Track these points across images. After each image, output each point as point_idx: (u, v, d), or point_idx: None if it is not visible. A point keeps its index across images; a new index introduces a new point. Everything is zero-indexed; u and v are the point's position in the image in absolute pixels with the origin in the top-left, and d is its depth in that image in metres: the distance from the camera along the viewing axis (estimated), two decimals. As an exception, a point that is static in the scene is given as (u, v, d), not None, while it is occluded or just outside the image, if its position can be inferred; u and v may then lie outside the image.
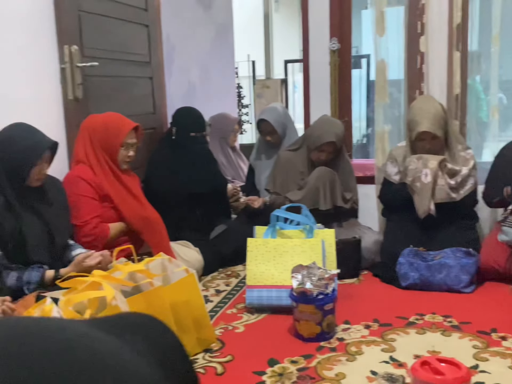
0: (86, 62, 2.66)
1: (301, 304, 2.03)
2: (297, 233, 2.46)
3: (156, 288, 1.84)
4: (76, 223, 2.43)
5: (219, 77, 4.73)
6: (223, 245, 2.98)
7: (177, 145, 3.02)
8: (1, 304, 1.74)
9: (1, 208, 2.04)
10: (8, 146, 2.04)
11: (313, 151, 2.92)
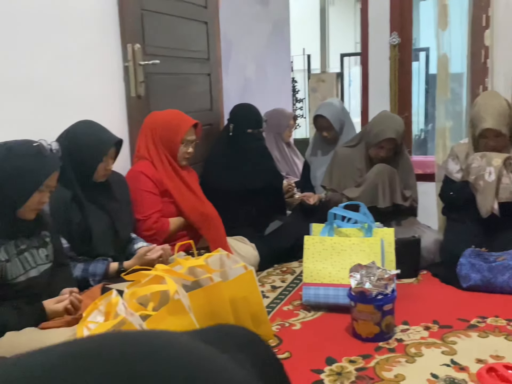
0: (148, 60, 2.72)
1: (360, 304, 2.02)
2: (355, 231, 2.44)
3: (216, 284, 1.87)
4: (138, 217, 2.50)
5: (275, 72, 4.73)
6: (278, 241, 2.99)
7: (234, 142, 3.05)
8: (69, 294, 1.81)
9: (69, 202, 2.13)
10: (76, 142, 2.12)
11: (372, 148, 2.88)
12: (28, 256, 1.76)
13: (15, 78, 2.10)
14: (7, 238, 1.70)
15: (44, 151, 1.69)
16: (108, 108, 2.61)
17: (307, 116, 6.77)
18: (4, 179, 1.65)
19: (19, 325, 1.67)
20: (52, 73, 2.28)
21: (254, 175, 3.00)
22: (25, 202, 1.69)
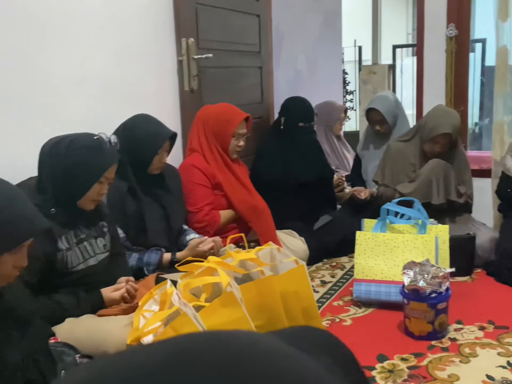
0: (201, 54, 2.75)
1: (413, 302, 1.99)
2: (408, 228, 2.40)
3: (268, 277, 1.88)
4: (189, 209, 2.54)
5: (326, 64, 4.69)
6: (328, 236, 2.97)
7: (285, 135, 3.04)
8: (125, 283, 1.86)
9: (125, 194, 2.18)
10: (133, 136, 2.17)
11: (427, 143, 2.81)
12: (87, 245, 1.82)
13: (74, 73, 2.17)
14: (68, 228, 1.76)
15: (104, 144, 1.74)
16: (162, 101, 2.66)
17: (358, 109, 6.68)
18: (65, 171, 1.71)
19: (78, 312, 1.73)
20: (109, 68, 2.33)
21: (305, 168, 2.99)
22: (85, 193, 1.74)
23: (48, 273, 1.70)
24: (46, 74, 2.05)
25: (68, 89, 2.15)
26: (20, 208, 1.21)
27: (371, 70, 6.25)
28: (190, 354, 0.30)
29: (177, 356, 0.30)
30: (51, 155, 1.73)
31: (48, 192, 1.72)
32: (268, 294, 1.87)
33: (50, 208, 1.69)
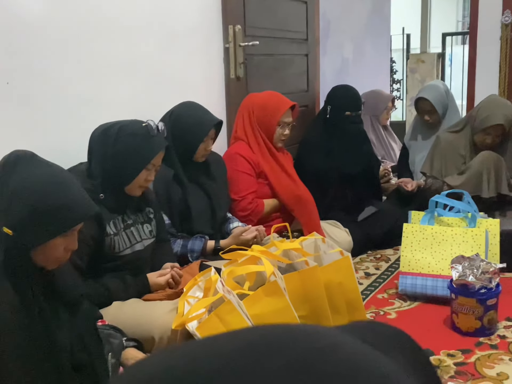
0: (247, 42, 2.73)
1: (461, 297, 1.93)
2: (457, 221, 2.33)
3: (312, 268, 1.86)
4: (233, 198, 2.54)
5: (373, 52, 4.60)
6: (373, 227, 2.92)
7: (331, 124, 3.00)
8: (170, 269, 1.88)
9: (170, 181, 2.20)
10: (180, 123, 2.19)
11: (478, 134, 2.72)
12: (134, 231, 1.85)
13: (122, 60, 2.19)
14: (116, 213, 1.79)
15: (152, 131, 1.76)
16: (208, 89, 2.66)
17: (404, 98, 6.52)
18: (114, 157, 1.73)
19: (125, 296, 1.76)
20: (156, 55, 2.35)
21: (351, 159, 2.94)
22: (133, 180, 1.77)
23: (96, 257, 1.74)
24: (95, 60, 2.08)
25: (117, 75, 2.18)
26: (72, 193, 1.23)
27: (419, 58, 6.08)
28: (269, 347, 0.29)
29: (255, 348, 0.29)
30: (100, 142, 1.76)
31: (98, 177, 1.75)
32: (312, 284, 1.85)
33: (99, 194, 1.72)
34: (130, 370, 0.30)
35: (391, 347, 0.34)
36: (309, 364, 0.27)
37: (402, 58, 6.78)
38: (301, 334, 0.31)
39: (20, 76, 1.80)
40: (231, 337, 0.31)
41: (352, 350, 0.30)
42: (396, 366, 0.31)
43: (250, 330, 0.31)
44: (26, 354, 1.19)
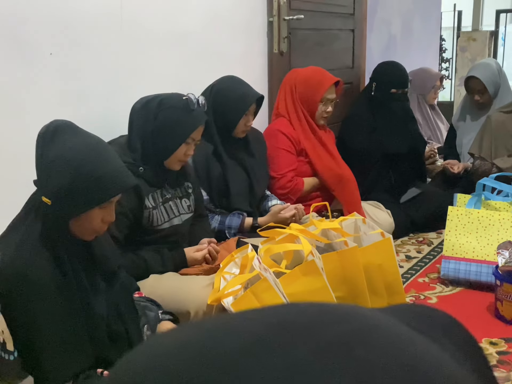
0: (292, 15, 2.66)
1: (507, 284, 1.86)
2: (505, 205, 2.23)
3: (352, 248, 1.82)
4: (273, 175, 2.51)
5: (422, 29, 4.43)
6: (416, 210, 2.84)
7: (376, 102, 2.91)
8: (208, 244, 1.88)
9: (210, 156, 2.18)
10: (220, 97, 2.16)
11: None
12: (172, 205, 1.84)
13: (166, 33, 2.17)
14: (155, 187, 1.79)
15: (192, 104, 1.73)
16: (250, 63, 2.62)
17: (453, 78, 6.29)
18: (154, 130, 1.72)
19: (162, 269, 1.77)
20: (199, 28, 2.32)
21: (395, 138, 2.85)
22: (172, 153, 1.75)
23: (135, 230, 1.74)
24: (139, 33, 2.06)
25: (161, 49, 2.16)
26: (111, 164, 1.23)
27: (471, 36, 5.83)
28: (297, 327, 0.26)
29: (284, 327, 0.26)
30: (141, 114, 1.75)
31: (138, 150, 1.75)
32: (351, 265, 1.81)
33: (139, 167, 1.72)
34: (149, 342, 0.27)
35: (439, 333, 0.30)
36: (346, 348, 0.24)
37: (452, 36, 6.52)
38: (338, 313, 0.28)
39: (63, 47, 1.81)
40: (261, 314, 0.28)
41: (396, 335, 0.26)
42: (446, 354, 0.27)
43: (282, 308, 0.29)
44: (63, 321, 1.21)
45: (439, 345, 0.28)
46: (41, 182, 1.20)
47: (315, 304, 0.29)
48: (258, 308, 0.29)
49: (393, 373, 0.24)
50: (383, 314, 0.29)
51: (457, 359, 0.28)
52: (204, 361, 0.24)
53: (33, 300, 1.18)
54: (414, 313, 0.33)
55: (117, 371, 0.26)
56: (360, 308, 0.29)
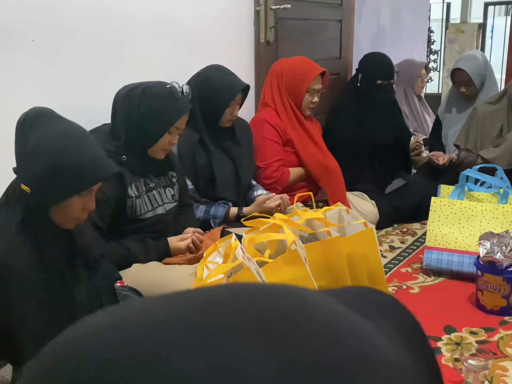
0: (279, 5, 2.65)
1: (488, 274, 1.88)
2: (488, 196, 2.25)
3: (335, 238, 1.83)
4: (259, 165, 2.51)
5: (410, 20, 4.44)
6: (400, 200, 2.86)
7: (362, 93, 2.91)
8: (192, 234, 1.88)
9: (195, 145, 2.18)
10: (206, 86, 2.15)
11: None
12: (156, 194, 1.84)
13: (151, 21, 2.15)
14: (138, 176, 1.78)
15: (176, 93, 1.73)
16: (236, 53, 2.61)
17: (441, 70, 6.31)
18: (138, 119, 1.71)
19: (145, 258, 1.76)
20: (185, 15, 2.30)
21: (381, 129, 2.86)
22: (156, 142, 1.75)
23: (118, 219, 1.74)
24: (124, 20, 2.05)
25: (146, 37, 2.14)
26: (91, 152, 1.22)
27: (459, 28, 5.85)
28: (223, 305, 0.26)
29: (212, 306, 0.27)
30: (124, 102, 1.74)
31: (121, 139, 1.74)
32: (334, 255, 1.82)
33: (122, 155, 1.71)
34: (85, 321, 0.28)
35: (378, 313, 0.31)
36: (273, 325, 0.25)
37: (441, 28, 6.54)
38: (270, 292, 0.29)
39: (46, 34, 1.78)
40: (194, 293, 0.28)
41: (327, 313, 0.27)
42: (376, 330, 0.28)
43: (217, 287, 0.29)
44: (43, 309, 1.20)
45: (375, 324, 0.29)
46: (21, 169, 1.19)
47: (251, 284, 0.30)
48: (197, 288, 0.30)
49: (319, 349, 0.24)
50: (318, 294, 0.30)
51: (392, 338, 0.29)
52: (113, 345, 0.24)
53: (13, 287, 1.18)
54: (356, 295, 0.34)
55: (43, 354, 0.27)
56: (294, 287, 0.30)
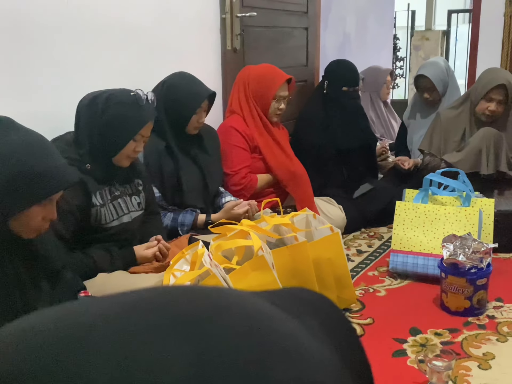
0: (245, 12, 2.67)
1: (451, 276, 1.91)
2: (451, 200, 2.30)
3: (301, 243, 1.84)
4: (226, 172, 2.51)
5: (376, 27, 4.52)
6: (368, 205, 2.90)
7: (328, 100, 2.95)
8: (156, 243, 1.86)
9: (162, 153, 2.17)
10: (172, 94, 2.15)
11: (480, 103, 2.64)
12: (121, 202, 1.82)
13: (114, 28, 2.14)
14: (103, 184, 1.76)
15: (140, 100, 1.72)
16: (203, 60, 2.61)
17: (408, 76, 6.43)
18: (101, 126, 1.70)
19: (110, 268, 1.74)
20: (150, 24, 2.29)
21: (347, 135, 2.90)
22: (121, 150, 1.73)
23: (82, 228, 1.72)
24: (89, 28, 2.03)
25: (111, 44, 2.13)
26: (50, 161, 1.20)
27: (424, 35, 5.99)
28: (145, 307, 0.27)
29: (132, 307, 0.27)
30: (88, 110, 1.72)
31: (85, 147, 1.72)
32: (301, 259, 1.84)
33: (85, 163, 1.70)
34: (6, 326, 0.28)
35: (304, 311, 0.32)
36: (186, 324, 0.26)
37: (406, 36, 6.67)
38: (194, 294, 0.29)
39: (7, 40, 1.76)
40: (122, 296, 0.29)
41: (248, 311, 0.28)
42: (300, 327, 0.29)
43: (143, 291, 0.30)
44: (1, 320, 1.18)
45: (300, 321, 0.29)
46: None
47: (182, 286, 0.31)
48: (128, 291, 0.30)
49: (236, 346, 0.25)
50: (246, 294, 0.31)
51: (315, 334, 0.30)
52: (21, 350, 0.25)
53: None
54: (285, 295, 0.35)
55: None
56: (223, 288, 0.31)
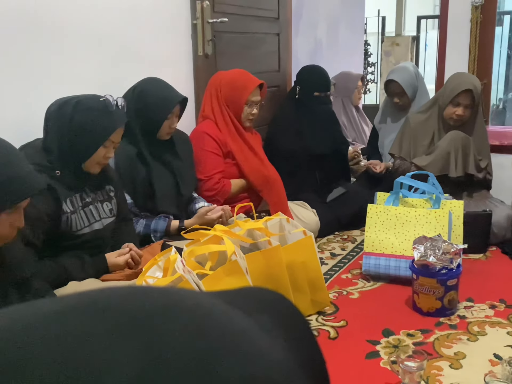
0: (216, 18, 2.67)
1: (422, 277, 1.94)
2: (422, 202, 2.34)
3: (275, 247, 1.85)
4: (200, 177, 2.50)
5: (347, 34, 4.57)
6: (341, 208, 2.93)
7: (300, 105, 2.97)
8: (128, 250, 1.85)
9: (134, 159, 2.16)
10: (143, 99, 2.13)
11: (448, 107, 2.69)
12: (92, 209, 1.80)
13: (86, 34, 2.12)
14: (73, 191, 1.74)
15: (110, 106, 1.71)
16: (175, 66, 2.61)
17: (379, 81, 6.53)
18: (71, 133, 1.68)
19: (82, 275, 1.72)
20: (120, 29, 2.28)
21: (319, 140, 2.92)
22: (91, 156, 1.72)
23: (53, 235, 1.69)
24: (59, 33, 2.01)
25: (81, 50, 2.11)
26: (16, 168, 1.18)
27: (394, 41, 6.09)
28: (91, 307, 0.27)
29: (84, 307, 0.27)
30: (56, 117, 1.70)
31: (54, 153, 1.70)
32: (274, 263, 1.84)
33: (55, 170, 1.67)
34: None
35: (259, 310, 0.32)
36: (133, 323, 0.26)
37: (377, 41, 6.77)
38: (142, 293, 0.29)
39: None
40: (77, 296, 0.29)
41: (198, 309, 0.28)
42: (253, 324, 0.29)
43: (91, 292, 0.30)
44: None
45: (252, 319, 0.30)
46: None
47: (130, 286, 0.31)
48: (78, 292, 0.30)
49: (183, 343, 0.25)
50: (199, 294, 0.31)
51: (268, 331, 0.30)
52: None
53: None
54: (240, 293, 0.35)
55: None
56: (175, 288, 0.31)
